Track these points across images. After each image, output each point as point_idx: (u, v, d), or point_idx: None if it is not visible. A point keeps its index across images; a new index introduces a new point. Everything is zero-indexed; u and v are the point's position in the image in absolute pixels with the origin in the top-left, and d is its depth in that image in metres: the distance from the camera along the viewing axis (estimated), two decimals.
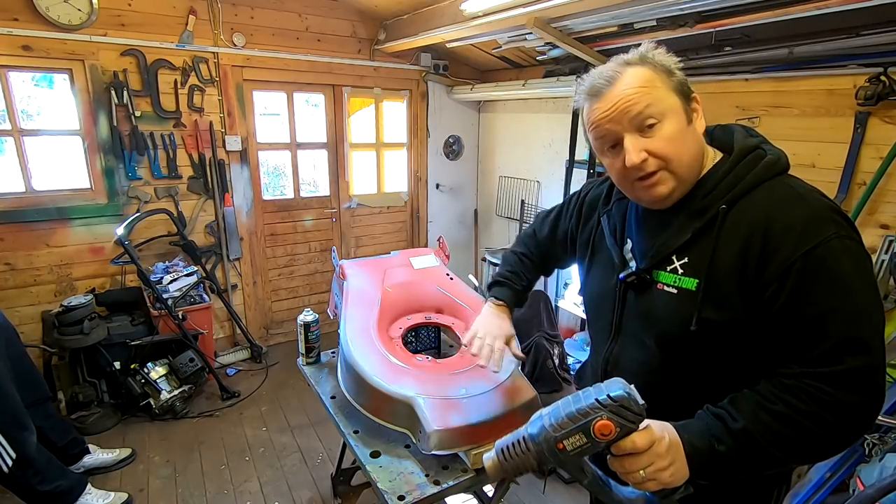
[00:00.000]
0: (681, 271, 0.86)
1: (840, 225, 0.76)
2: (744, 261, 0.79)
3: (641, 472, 0.73)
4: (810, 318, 0.74)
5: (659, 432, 0.75)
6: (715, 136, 0.92)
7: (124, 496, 2.21)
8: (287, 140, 3.68)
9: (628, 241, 0.98)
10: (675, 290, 0.87)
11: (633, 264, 0.94)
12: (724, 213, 0.82)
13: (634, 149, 0.82)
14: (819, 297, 0.73)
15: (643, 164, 0.82)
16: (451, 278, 1.84)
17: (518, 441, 0.77)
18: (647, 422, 0.74)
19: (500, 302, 1.27)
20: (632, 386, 0.73)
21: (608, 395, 0.71)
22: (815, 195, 0.80)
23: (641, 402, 0.72)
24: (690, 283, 0.84)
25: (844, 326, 0.72)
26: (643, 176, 0.84)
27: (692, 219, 0.85)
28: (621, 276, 0.95)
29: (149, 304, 2.91)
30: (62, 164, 3.31)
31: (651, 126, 0.81)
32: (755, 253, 0.78)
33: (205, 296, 3.16)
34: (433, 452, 1.22)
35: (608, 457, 0.76)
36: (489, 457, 0.81)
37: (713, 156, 0.89)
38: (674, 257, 0.87)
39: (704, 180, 0.86)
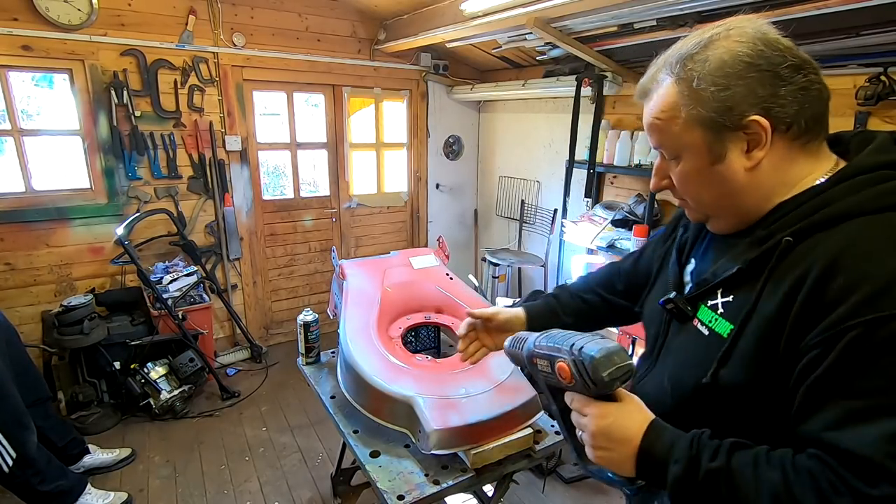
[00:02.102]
0: (720, 310, 0.70)
1: None
2: (783, 316, 0.61)
3: (580, 432, 0.72)
4: (851, 411, 0.55)
5: (601, 412, 0.68)
6: (851, 146, 0.71)
7: (124, 496, 2.21)
8: (287, 140, 3.68)
9: (692, 260, 0.83)
10: (706, 332, 0.72)
11: (688, 289, 0.80)
12: (787, 245, 0.63)
13: (655, 173, 0.76)
14: (872, 388, 0.54)
15: (661, 190, 0.77)
16: (451, 278, 1.84)
17: (520, 338, 0.82)
18: (614, 412, 0.69)
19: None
20: (621, 354, 0.66)
21: (581, 348, 0.68)
22: None
23: (607, 377, 0.65)
24: (724, 329, 0.69)
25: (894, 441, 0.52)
26: None
27: (751, 248, 0.68)
28: (661, 300, 0.81)
29: (149, 304, 2.91)
30: (62, 164, 3.31)
31: (675, 157, 0.72)
32: (800, 307, 0.59)
33: (205, 296, 3.16)
34: (433, 452, 1.22)
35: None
36: (508, 339, 0.86)
37: (826, 173, 0.68)
38: (719, 292, 0.72)
39: (785, 203, 0.67)
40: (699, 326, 0.74)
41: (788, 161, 0.67)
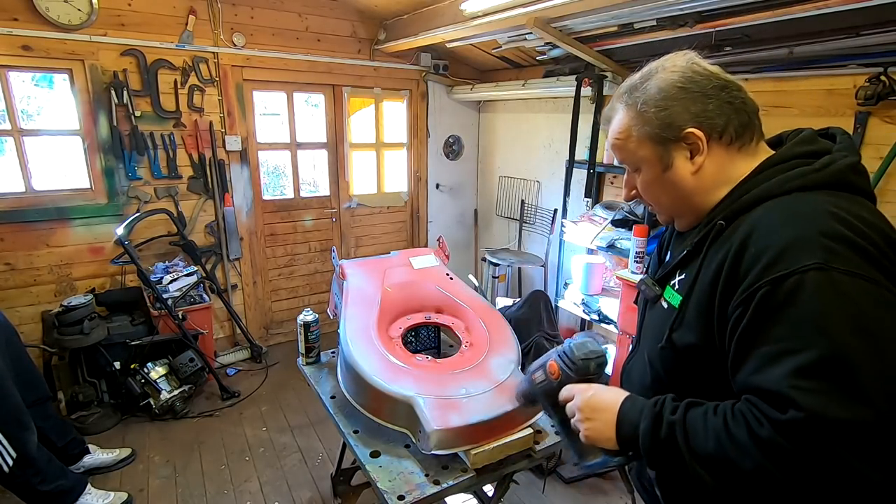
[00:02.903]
0: (676, 287, 0.84)
1: (834, 253, 0.63)
2: (713, 287, 0.74)
3: (573, 422, 0.85)
4: (765, 356, 0.66)
5: (585, 388, 0.84)
6: (787, 143, 0.83)
7: (124, 496, 2.21)
8: (287, 140, 3.68)
9: (669, 253, 0.97)
10: (666, 306, 0.86)
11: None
12: (720, 229, 0.77)
13: (625, 185, 0.90)
14: (778, 335, 0.64)
15: (632, 200, 0.92)
16: (451, 278, 1.84)
17: (521, 379, 1.01)
18: (595, 386, 0.85)
19: None
20: (594, 344, 0.87)
21: (563, 344, 0.89)
22: (820, 217, 0.67)
23: (583, 358, 0.85)
24: (677, 301, 0.82)
25: (801, 374, 0.61)
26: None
27: (698, 233, 0.82)
28: (641, 280, 0.96)
29: (149, 304, 2.91)
30: (62, 164, 3.31)
31: (636, 169, 0.86)
32: (725, 277, 0.72)
33: (205, 296, 3.16)
34: (433, 452, 1.22)
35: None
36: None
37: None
38: (677, 272, 0.86)
39: (726, 195, 0.81)
40: (663, 303, 0.88)
41: (728, 162, 0.80)
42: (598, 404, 0.81)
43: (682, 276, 0.83)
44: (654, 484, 0.90)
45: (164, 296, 2.90)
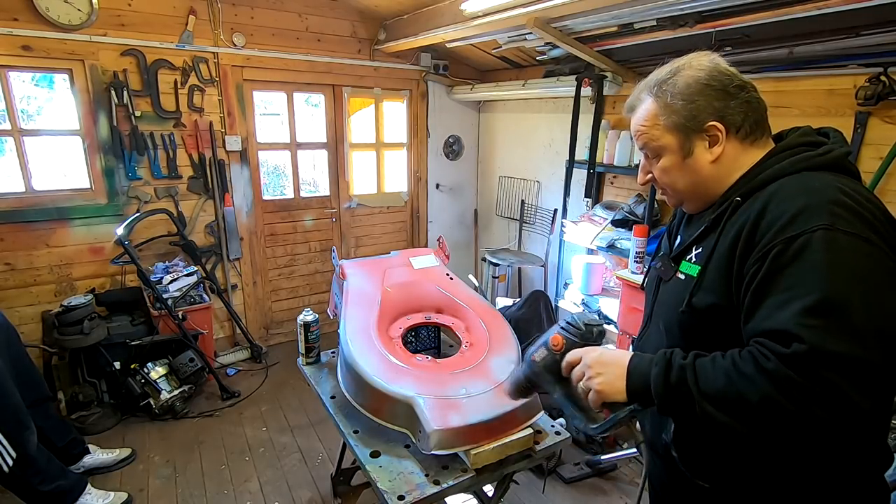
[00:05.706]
0: (693, 259, 0.93)
1: (838, 217, 0.74)
2: (733, 251, 0.82)
3: (581, 383, 0.88)
4: (774, 303, 0.74)
5: (591, 349, 0.90)
6: (788, 138, 0.93)
7: (124, 496, 2.21)
8: (287, 140, 3.68)
9: (679, 237, 1.06)
10: (683, 277, 0.94)
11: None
12: (737, 204, 0.85)
13: (641, 170, 1.00)
14: (787, 284, 0.73)
15: (646, 184, 1.00)
16: (451, 278, 1.84)
17: (514, 369, 1.03)
18: (601, 346, 0.91)
19: None
20: (592, 316, 0.94)
21: (563, 319, 0.95)
22: (829, 190, 0.77)
23: (586, 324, 0.91)
24: (695, 270, 0.91)
25: (804, 312, 0.70)
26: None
27: (713, 211, 0.91)
28: (652, 262, 1.05)
29: (149, 304, 2.91)
30: (62, 165, 3.31)
31: (656, 155, 0.94)
32: (743, 242, 0.81)
33: (205, 296, 3.16)
34: (433, 452, 1.22)
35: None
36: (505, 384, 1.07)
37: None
38: (693, 247, 0.94)
39: (739, 178, 0.90)
40: (679, 276, 0.95)
41: (742, 153, 0.90)
42: (606, 360, 0.87)
43: (699, 250, 0.92)
44: (670, 447, 0.94)
45: (164, 296, 2.90)
